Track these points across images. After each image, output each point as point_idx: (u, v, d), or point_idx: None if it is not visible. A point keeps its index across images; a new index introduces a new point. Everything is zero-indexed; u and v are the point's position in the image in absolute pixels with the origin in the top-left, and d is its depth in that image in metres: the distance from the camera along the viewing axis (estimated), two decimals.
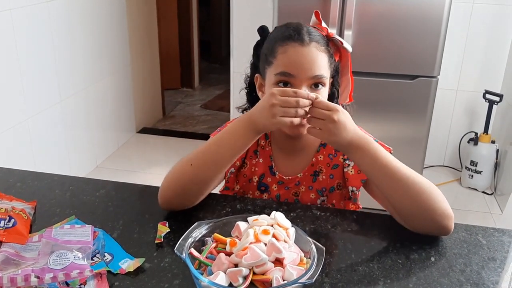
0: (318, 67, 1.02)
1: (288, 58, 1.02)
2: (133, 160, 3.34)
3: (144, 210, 1.07)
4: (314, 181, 1.15)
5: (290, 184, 1.16)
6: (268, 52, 1.06)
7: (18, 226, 0.93)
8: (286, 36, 1.03)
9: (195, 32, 4.82)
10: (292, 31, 1.03)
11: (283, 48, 1.02)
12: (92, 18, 2.95)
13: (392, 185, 0.93)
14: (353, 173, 1.10)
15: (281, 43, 1.03)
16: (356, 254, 0.92)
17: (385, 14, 2.24)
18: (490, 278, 0.86)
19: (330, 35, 1.09)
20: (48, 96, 2.60)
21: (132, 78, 3.56)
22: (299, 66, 1.01)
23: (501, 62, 2.98)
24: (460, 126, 3.17)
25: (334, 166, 1.14)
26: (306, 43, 1.02)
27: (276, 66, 1.04)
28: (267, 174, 1.18)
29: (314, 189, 1.16)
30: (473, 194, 2.97)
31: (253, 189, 1.19)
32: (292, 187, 1.17)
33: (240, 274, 0.75)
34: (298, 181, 1.16)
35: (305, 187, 1.16)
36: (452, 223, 0.95)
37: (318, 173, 1.15)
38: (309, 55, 1.01)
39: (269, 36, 1.10)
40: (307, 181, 1.16)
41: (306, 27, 1.06)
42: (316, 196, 1.16)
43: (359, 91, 2.32)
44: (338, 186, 1.15)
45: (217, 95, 4.77)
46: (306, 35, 1.03)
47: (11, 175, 1.22)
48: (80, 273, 0.79)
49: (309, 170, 1.15)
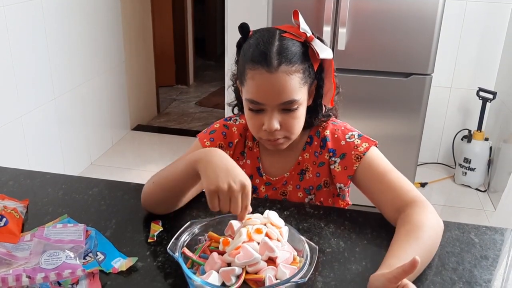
0: (288, 93, 0.98)
1: (256, 86, 0.99)
2: (127, 158, 3.33)
3: (137, 208, 1.07)
4: (301, 180, 1.15)
5: (277, 184, 1.16)
6: (241, 70, 1.04)
7: (10, 225, 0.93)
8: (254, 59, 0.98)
9: (189, 29, 4.80)
10: (259, 55, 0.97)
11: (252, 73, 0.99)
12: (86, 15, 2.94)
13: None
14: (339, 170, 1.09)
15: (250, 66, 0.99)
16: (349, 253, 0.93)
17: (379, 12, 2.24)
18: (482, 276, 0.87)
19: (310, 40, 1.02)
20: (42, 94, 2.59)
21: (126, 75, 3.54)
22: (266, 95, 0.99)
23: (495, 60, 2.99)
24: (453, 124, 3.18)
25: (320, 164, 1.13)
26: (274, 68, 0.96)
27: (246, 90, 1.02)
28: (255, 176, 1.17)
29: (301, 188, 1.15)
30: (467, 191, 2.98)
31: None
32: (280, 187, 1.16)
33: (233, 273, 0.75)
34: (285, 180, 1.16)
35: (292, 186, 1.16)
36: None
37: (304, 172, 1.14)
38: (277, 83, 0.97)
39: (244, 47, 1.04)
40: (294, 180, 1.15)
41: (278, 42, 0.99)
42: (304, 195, 1.16)
43: (354, 88, 2.32)
44: (325, 184, 1.14)
45: (211, 92, 4.76)
46: (275, 58, 0.96)
47: (3, 174, 1.21)
48: (72, 272, 0.79)
49: (296, 169, 1.15)
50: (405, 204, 0.96)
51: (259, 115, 1.02)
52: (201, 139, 1.15)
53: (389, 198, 1.00)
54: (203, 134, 1.17)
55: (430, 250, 0.89)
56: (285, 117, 1.01)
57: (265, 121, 1.01)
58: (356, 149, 1.07)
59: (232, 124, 1.18)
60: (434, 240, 0.91)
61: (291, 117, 1.02)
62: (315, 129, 1.14)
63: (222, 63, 3.12)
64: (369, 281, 0.79)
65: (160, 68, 4.18)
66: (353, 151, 1.07)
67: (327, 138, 1.11)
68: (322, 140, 1.12)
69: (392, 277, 0.74)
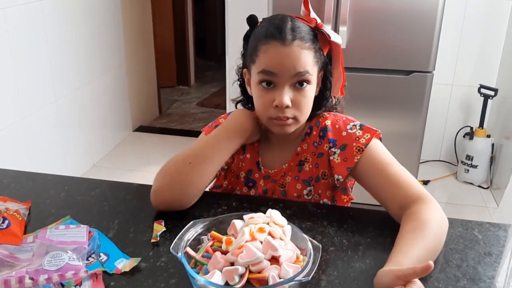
0: (301, 65, 1.00)
1: (269, 57, 1.00)
2: (130, 159, 3.34)
3: (140, 209, 1.07)
4: (300, 171, 1.14)
5: (276, 176, 1.15)
6: (252, 50, 1.05)
7: (12, 227, 0.93)
8: (268, 35, 1.00)
9: (190, 30, 4.80)
10: (274, 29, 1.00)
11: (265, 47, 1.00)
12: (87, 16, 2.94)
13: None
14: (339, 161, 1.07)
15: (263, 41, 1.01)
16: (352, 251, 0.92)
17: (379, 10, 2.24)
18: (486, 273, 0.86)
19: (320, 26, 1.05)
20: (43, 96, 2.59)
21: (127, 76, 3.55)
22: (280, 65, 0.99)
23: (496, 56, 2.98)
24: (455, 121, 3.17)
25: (320, 154, 1.11)
26: (288, 42, 0.99)
27: (258, 65, 1.02)
28: (255, 170, 1.17)
29: (300, 179, 1.14)
30: (469, 188, 2.98)
31: (241, 185, 1.19)
32: (278, 179, 1.15)
33: (236, 273, 0.74)
34: (284, 172, 1.15)
35: (291, 177, 1.14)
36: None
37: (303, 163, 1.13)
38: (291, 54, 0.99)
39: (255, 31, 1.07)
40: (293, 171, 1.14)
41: (291, 22, 1.02)
42: (302, 187, 1.14)
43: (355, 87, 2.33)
44: (324, 176, 1.12)
45: (213, 93, 4.77)
46: (289, 32, 0.99)
47: (5, 176, 1.21)
48: (75, 274, 0.79)
49: (294, 160, 1.14)
50: (410, 201, 0.96)
51: (270, 92, 1.02)
52: (206, 133, 1.16)
53: (393, 194, 0.99)
54: (209, 128, 1.17)
55: (436, 247, 0.89)
56: (296, 95, 1.02)
57: (276, 96, 1.01)
58: (358, 140, 1.06)
59: None
60: (440, 237, 0.90)
61: (302, 95, 1.02)
62: (315, 120, 1.13)
63: (223, 63, 3.12)
64: (377, 276, 0.78)
65: (161, 68, 4.18)
66: (354, 142, 1.06)
67: (328, 128, 1.10)
68: (321, 130, 1.11)
69: (402, 275, 0.74)
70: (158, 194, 1.03)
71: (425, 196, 0.96)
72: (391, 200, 1.00)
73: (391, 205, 1.00)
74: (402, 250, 0.84)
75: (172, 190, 1.02)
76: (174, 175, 1.03)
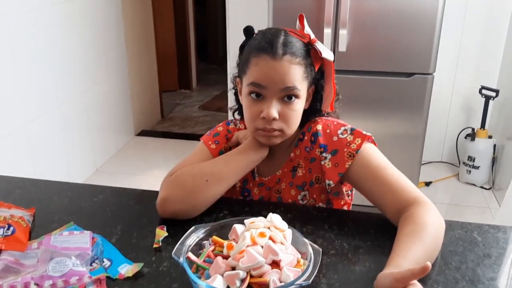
0: (290, 79, 1.00)
1: (259, 70, 1.01)
2: (132, 163, 3.35)
3: (142, 214, 1.08)
4: (294, 177, 1.15)
5: (271, 183, 1.16)
6: (244, 61, 1.06)
7: (17, 234, 0.94)
8: (260, 48, 1.01)
9: (191, 33, 4.82)
10: (266, 43, 1.01)
11: (256, 60, 1.01)
12: (88, 21, 2.96)
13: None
14: (330, 166, 1.07)
15: (255, 54, 1.02)
16: (352, 254, 0.93)
17: (379, 12, 2.25)
18: (485, 275, 0.87)
19: (313, 42, 1.06)
20: (46, 102, 2.61)
21: (129, 81, 3.56)
22: (269, 78, 1.00)
23: (497, 57, 2.98)
24: (457, 122, 3.18)
25: (312, 159, 1.12)
26: (279, 56, 1.00)
27: (249, 76, 1.03)
28: (250, 180, 1.18)
29: (294, 185, 1.15)
30: (471, 189, 2.98)
31: (237, 195, 1.20)
32: (273, 186, 1.16)
33: (238, 277, 0.75)
34: (278, 178, 1.16)
35: (285, 183, 1.16)
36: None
37: (296, 168, 1.14)
38: (280, 68, 1.00)
39: (249, 42, 1.08)
40: (287, 177, 1.15)
41: (284, 36, 1.03)
42: (297, 192, 1.15)
43: (356, 89, 2.33)
44: (317, 180, 1.13)
45: (215, 96, 4.78)
46: (280, 47, 1.00)
47: (10, 183, 1.23)
48: (79, 279, 0.80)
49: (288, 166, 1.15)
50: (406, 204, 0.96)
51: (259, 103, 1.03)
52: (205, 142, 1.16)
53: (388, 198, 1.00)
54: (207, 136, 1.18)
55: (434, 249, 0.90)
56: (284, 108, 1.03)
57: (264, 108, 1.02)
58: (349, 146, 1.06)
59: (233, 128, 1.20)
60: (437, 240, 0.91)
61: (289, 109, 1.03)
62: (307, 126, 1.14)
63: (225, 66, 3.13)
64: (377, 279, 0.79)
65: (163, 72, 4.20)
66: (345, 148, 1.06)
67: (319, 133, 1.10)
68: (313, 135, 1.11)
69: (401, 277, 0.75)
70: (167, 204, 1.04)
71: (421, 198, 0.97)
72: (387, 204, 1.01)
73: (387, 209, 1.01)
74: (401, 253, 0.84)
75: (182, 204, 1.03)
76: (188, 190, 1.04)
